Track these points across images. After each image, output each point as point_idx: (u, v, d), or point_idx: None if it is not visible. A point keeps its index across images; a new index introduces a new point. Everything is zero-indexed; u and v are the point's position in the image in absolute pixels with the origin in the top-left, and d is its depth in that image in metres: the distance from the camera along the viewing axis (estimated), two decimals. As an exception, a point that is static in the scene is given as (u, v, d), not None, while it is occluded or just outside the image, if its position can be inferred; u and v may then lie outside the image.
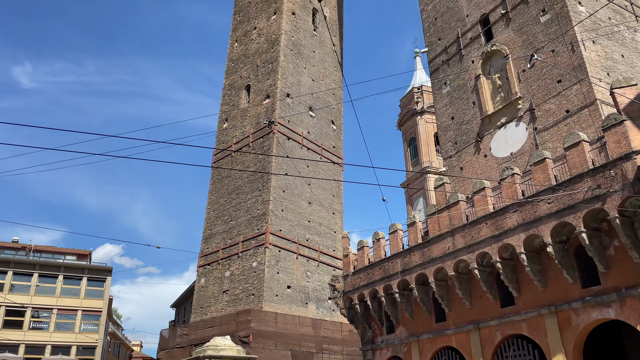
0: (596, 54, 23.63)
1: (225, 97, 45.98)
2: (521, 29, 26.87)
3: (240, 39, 48.39)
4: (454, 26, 32.03)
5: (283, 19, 44.61)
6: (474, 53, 29.80)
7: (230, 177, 41.23)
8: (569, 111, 23.06)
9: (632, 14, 26.87)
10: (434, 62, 33.22)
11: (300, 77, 44.06)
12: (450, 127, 30.38)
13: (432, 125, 53.04)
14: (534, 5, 26.40)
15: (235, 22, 50.34)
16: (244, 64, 46.06)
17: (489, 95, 28.12)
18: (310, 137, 42.30)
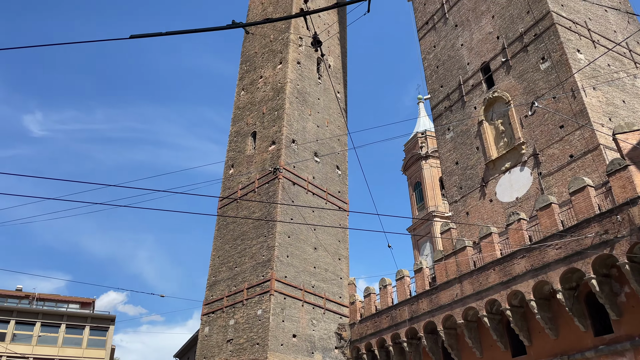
0: (597, 100, 23.94)
1: (232, 143, 46.62)
2: (522, 76, 27.38)
3: (247, 87, 49.53)
4: (456, 74, 32.69)
5: (288, 68, 45.77)
6: (476, 100, 30.27)
7: (235, 223, 41.24)
8: (572, 156, 23.15)
9: (630, 60, 27.39)
10: (436, 109, 33.71)
11: (306, 123, 44.75)
12: (455, 172, 30.48)
13: (437, 170, 53.23)
14: (533, 54, 27.00)
15: (242, 71, 51.67)
16: (250, 111, 46.95)
17: (492, 141, 28.34)
18: (315, 182, 42.51)
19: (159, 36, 9.23)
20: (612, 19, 29.13)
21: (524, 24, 28.18)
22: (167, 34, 9.07)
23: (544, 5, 26.99)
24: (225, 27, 9.37)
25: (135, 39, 9.10)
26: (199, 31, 9.29)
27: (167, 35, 9.25)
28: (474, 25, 32.15)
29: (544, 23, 26.72)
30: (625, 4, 31.46)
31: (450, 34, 34.37)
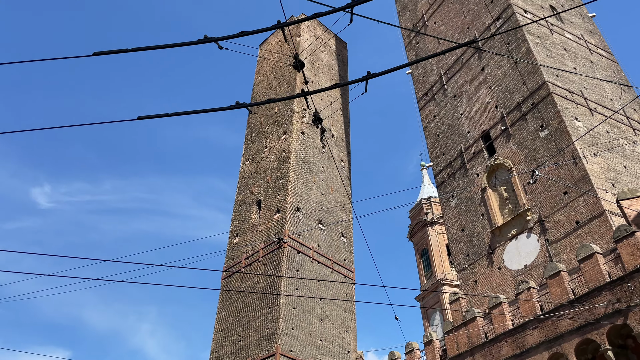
0: (599, 166, 24.14)
1: (237, 212, 46.80)
2: (522, 143, 27.82)
3: (252, 157, 50.44)
4: (457, 142, 33.26)
5: (293, 138, 46.81)
6: (478, 167, 30.59)
7: (239, 295, 40.50)
8: (578, 222, 23.02)
9: (629, 127, 27.88)
10: (439, 176, 34.00)
11: (310, 191, 45.08)
12: (461, 239, 30.23)
13: (443, 236, 52.78)
14: (532, 122, 27.58)
15: (247, 142, 52.85)
16: (255, 180, 47.54)
17: (497, 207, 28.33)
18: (320, 251, 42.14)
19: (165, 117, 9.58)
20: (607, 87, 29.98)
21: (520, 94, 29.01)
22: (173, 114, 9.40)
23: (539, 76, 27.91)
24: (229, 108, 9.71)
25: (143, 119, 9.44)
26: (204, 112, 9.62)
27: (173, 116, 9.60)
28: (472, 96, 33.11)
29: (541, 93, 27.50)
30: (619, 74, 32.48)
31: (449, 104, 35.32)
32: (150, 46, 8.26)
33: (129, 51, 8.12)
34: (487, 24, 34.01)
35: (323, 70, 57.49)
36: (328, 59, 59.68)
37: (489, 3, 34.48)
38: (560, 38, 32.06)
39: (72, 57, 8.36)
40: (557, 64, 29.42)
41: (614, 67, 32.99)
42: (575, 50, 31.94)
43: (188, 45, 8.47)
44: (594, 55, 32.71)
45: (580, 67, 30.71)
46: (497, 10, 33.43)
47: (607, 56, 33.56)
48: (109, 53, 7.92)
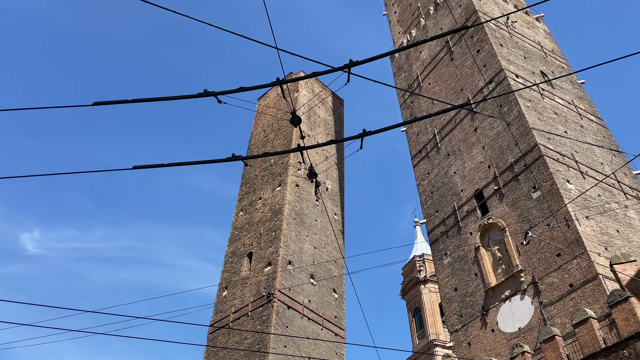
0: (591, 229, 24.20)
1: (227, 264, 46.11)
2: (515, 204, 27.98)
3: (246, 208, 50.30)
4: (450, 200, 33.43)
5: (287, 190, 46.93)
6: (472, 225, 30.59)
7: (225, 351, 39.20)
8: (572, 285, 22.80)
9: (620, 191, 28.20)
10: (433, 233, 33.91)
11: (302, 244, 44.69)
12: (454, 299, 29.76)
13: (436, 295, 51.96)
14: (524, 183, 27.88)
15: (241, 193, 52.88)
16: (247, 231, 47.17)
17: (490, 267, 28.10)
18: (311, 306, 41.24)
19: (161, 167, 9.60)
20: (598, 151, 30.57)
21: (513, 155, 29.49)
22: (169, 165, 9.43)
23: (531, 138, 28.49)
24: (225, 160, 9.77)
25: (138, 169, 9.45)
26: (200, 163, 9.67)
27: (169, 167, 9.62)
28: (466, 155, 33.61)
29: (532, 154, 27.97)
30: (609, 139, 33.22)
31: (443, 162, 35.78)
32: (151, 98, 8.40)
33: (128, 102, 8.26)
34: (480, 86, 35.04)
35: (319, 125, 58.49)
36: (325, 115, 60.87)
37: (481, 67, 35.67)
38: (551, 102, 32.99)
39: (72, 106, 8.48)
40: (548, 127, 30.12)
41: (604, 132, 33.79)
42: (565, 115, 32.79)
43: (188, 98, 8.64)
44: (584, 120, 33.55)
45: (571, 131, 31.42)
46: (490, 74, 34.54)
47: (596, 121, 34.44)
48: (109, 103, 8.05)
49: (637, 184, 29.85)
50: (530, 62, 36.55)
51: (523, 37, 39.28)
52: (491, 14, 40.38)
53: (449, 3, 43.52)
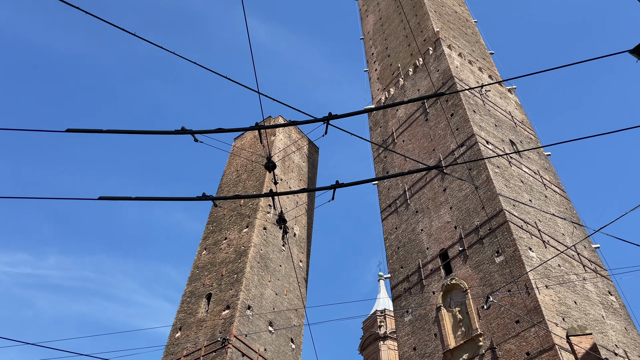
0: (550, 299, 24.55)
1: (184, 304, 44.60)
2: (478, 266, 28.29)
3: (210, 247, 49.30)
4: (415, 257, 33.58)
5: (254, 233, 46.36)
6: (435, 284, 30.65)
7: (172, 395, 37.32)
8: (529, 354, 22.84)
9: (579, 263, 28.90)
10: (396, 289, 33.78)
11: (264, 290, 43.79)
12: (412, 359, 29.35)
13: (395, 353, 51.23)
14: (488, 246, 28.32)
15: (207, 231, 51.93)
16: (209, 271, 46.02)
17: (450, 329, 27.99)
18: (266, 356, 39.96)
19: (128, 200, 9.39)
20: (560, 222, 31.49)
21: (479, 218, 30.08)
22: (136, 199, 9.24)
23: (497, 203, 29.21)
24: (195, 199, 9.65)
25: (104, 200, 9.21)
26: (168, 199, 9.51)
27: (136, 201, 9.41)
28: (434, 214, 34.11)
29: (498, 219, 28.60)
30: (570, 211, 34.34)
31: (411, 219, 36.17)
32: (127, 130, 8.32)
33: (102, 132, 8.15)
34: (451, 148, 36.06)
35: (293, 170, 58.75)
36: (299, 160, 61.29)
37: (454, 130, 36.84)
38: (518, 171, 34.12)
39: (45, 130, 8.32)
40: (514, 194, 31.00)
41: (567, 204, 34.95)
42: (531, 184, 33.88)
43: (166, 134, 8.59)
44: (549, 191, 34.70)
45: (535, 200, 32.39)
46: (462, 137, 35.66)
47: (560, 193, 35.66)
48: (83, 131, 7.92)
49: (596, 258, 30.70)
50: (500, 130, 37.99)
51: (495, 106, 40.97)
52: (466, 81, 42.15)
53: (427, 67, 45.32)
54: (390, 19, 58.77)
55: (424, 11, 51.95)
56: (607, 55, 7.55)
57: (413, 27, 52.03)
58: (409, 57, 50.27)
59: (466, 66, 45.01)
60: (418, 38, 50.05)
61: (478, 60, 48.22)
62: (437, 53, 45.17)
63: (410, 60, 49.69)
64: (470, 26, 56.22)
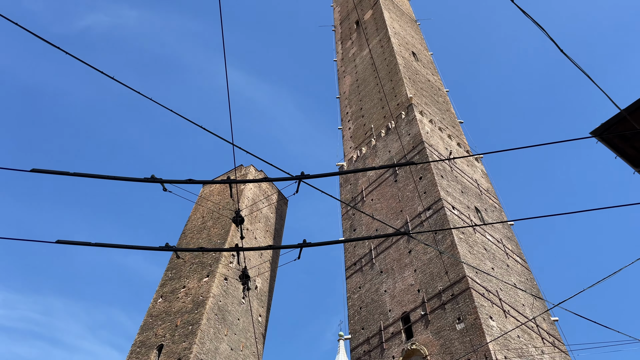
0: (509, 370, 24.38)
1: (133, 354, 42.31)
2: (439, 332, 28.05)
3: (166, 295, 47.53)
4: (377, 318, 33.12)
5: (214, 283, 45.07)
6: (395, 349, 30.12)
7: None
8: None
9: (538, 335, 29.01)
10: (355, 351, 33.01)
11: (219, 344, 42.10)
12: None
13: (349, 418, 49.34)
14: (450, 313, 28.23)
15: (165, 278, 50.21)
16: (163, 321, 44.13)
17: (408, 396, 27.31)
18: (215, 415, 37.90)
19: (86, 245, 9.03)
20: (520, 293, 31.81)
21: (442, 282, 30.13)
22: (96, 245, 8.91)
23: (460, 269, 29.42)
24: (157, 249, 9.36)
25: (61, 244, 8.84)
26: (129, 247, 9.19)
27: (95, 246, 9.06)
28: (398, 275, 34.02)
29: (460, 286, 28.71)
30: (531, 282, 34.83)
31: (375, 279, 35.95)
32: (92, 174, 8.12)
33: (69, 174, 7.93)
34: (418, 211, 36.55)
35: (260, 221, 58.18)
36: (267, 211, 60.86)
37: (421, 193, 37.51)
38: (482, 238, 34.69)
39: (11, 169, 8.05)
40: (477, 261, 31.34)
41: (527, 274, 35.49)
42: (494, 252, 34.40)
43: (134, 181, 8.41)
44: (511, 260, 35.26)
45: (497, 268, 32.80)
46: (429, 201, 36.28)
47: (522, 263, 36.26)
48: (48, 172, 7.69)
49: (554, 331, 30.94)
50: (466, 196, 38.88)
51: (462, 173, 42.12)
52: (436, 147, 43.41)
53: (399, 130, 46.62)
54: (366, 82, 60.79)
55: (398, 77, 54.00)
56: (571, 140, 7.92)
57: (388, 91, 53.87)
58: (382, 119, 51.69)
59: (436, 132, 46.50)
60: (392, 102, 51.73)
61: (448, 128, 49.94)
62: (409, 118, 46.63)
63: (383, 122, 51.07)
64: (442, 95, 58.59)
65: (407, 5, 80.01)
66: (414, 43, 65.94)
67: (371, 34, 66.77)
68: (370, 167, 8.70)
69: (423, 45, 68.46)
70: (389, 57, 58.53)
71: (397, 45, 60.09)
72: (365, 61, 63.67)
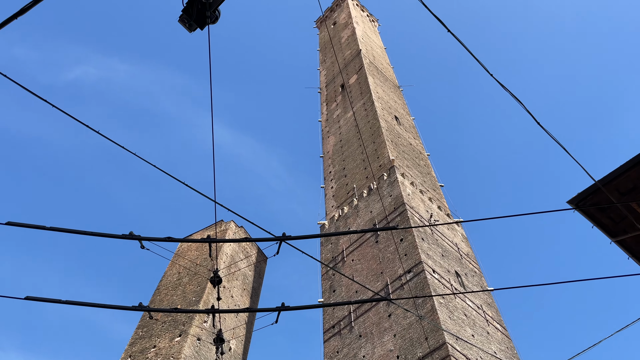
0: None
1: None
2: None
3: (135, 355, 45.43)
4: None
5: (187, 343, 43.37)
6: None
7: None
8: None
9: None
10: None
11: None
12: None
13: None
14: (430, 381, 27.41)
15: (135, 336, 48.18)
16: (130, 382, 41.88)
17: None
18: None
19: (57, 303, 8.70)
20: (500, 361, 31.19)
21: (422, 349, 29.44)
22: (66, 302, 8.59)
23: (440, 336, 28.86)
24: (130, 308, 9.05)
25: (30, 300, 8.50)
26: (101, 306, 8.87)
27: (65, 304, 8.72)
28: (377, 340, 33.20)
29: (440, 353, 28.06)
30: (511, 350, 34.26)
31: (354, 343, 35.00)
32: (69, 229, 7.95)
33: (46, 229, 7.76)
34: (399, 273, 36.26)
35: (238, 279, 56.98)
36: (246, 269, 59.75)
37: (402, 255, 37.37)
38: (462, 304, 34.33)
39: (-19, 220, 7.82)
40: (457, 327, 30.85)
41: (508, 342, 34.95)
42: (474, 319, 33.98)
43: (111, 237, 8.24)
44: (491, 327, 34.80)
45: (478, 335, 32.28)
46: (409, 263, 36.10)
47: (502, 331, 35.78)
48: (24, 226, 7.53)
49: (535, 402, 30.11)
50: (447, 260, 38.83)
51: (443, 236, 42.28)
52: (417, 209, 43.76)
53: (381, 191, 47.07)
54: (349, 142, 61.92)
55: (381, 139, 55.17)
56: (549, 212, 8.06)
57: (370, 153, 54.82)
58: (364, 180, 52.25)
59: (417, 195, 47.02)
60: (374, 163, 52.53)
61: (429, 191, 50.60)
62: (391, 179, 47.24)
63: (365, 182, 51.59)
64: (423, 158, 59.81)
65: (391, 72, 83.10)
66: (396, 107, 67.97)
67: (356, 97, 68.77)
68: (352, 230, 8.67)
69: (405, 110, 70.57)
70: (372, 120, 60.04)
71: (380, 109, 61.85)
72: (349, 123, 65.16)
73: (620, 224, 11.45)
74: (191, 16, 7.05)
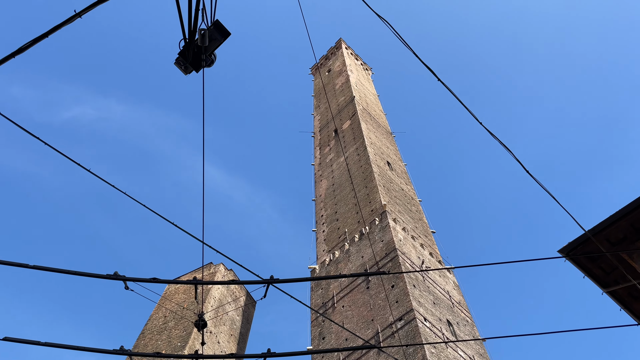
0: None
1: None
2: None
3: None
4: None
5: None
6: None
7: None
8: None
9: None
10: None
11: None
12: None
13: None
14: None
15: (117, 382, 46.49)
16: None
17: None
18: None
19: (36, 345, 8.42)
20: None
21: (413, 401, 28.52)
22: (45, 344, 8.33)
23: (432, 387, 28.04)
24: (111, 352, 8.77)
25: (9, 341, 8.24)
26: (82, 349, 8.61)
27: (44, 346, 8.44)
28: (367, 390, 32.18)
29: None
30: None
31: (342, 394, 33.88)
32: (52, 268, 7.80)
33: (28, 267, 7.61)
34: (390, 321, 35.59)
35: (225, 324, 55.66)
36: (233, 313, 58.50)
37: (393, 302, 36.80)
38: (454, 353, 33.58)
39: (-38, 257, 7.66)
40: (450, 378, 30.05)
41: (500, 394, 34.01)
42: (466, 369, 33.17)
43: (96, 277, 8.07)
44: (483, 378, 33.95)
45: (470, 387, 31.43)
46: (400, 311, 35.51)
47: (494, 382, 34.88)
48: (6, 264, 7.38)
49: None
50: (438, 308, 38.26)
51: (434, 284, 41.84)
52: (408, 255, 43.46)
53: (372, 236, 46.86)
54: (342, 187, 62.14)
55: (373, 184, 55.43)
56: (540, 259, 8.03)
57: (362, 197, 54.93)
58: (356, 224, 52.09)
59: (409, 240, 46.82)
60: (366, 208, 52.55)
61: (420, 237, 50.44)
62: (383, 224, 47.12)
63: (357, 227, 51.41)
64: (415, 204, 59.96)
65: (384, 118, 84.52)
66: (389, 153, 68.72)
67: (348, 143, 69.58)
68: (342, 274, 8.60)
69: (397, 156, 71.34)
70: (364, 165, 60.51)
71: (373, 155, 62.48)
72: (341, 167, 65.61)
73: (611, 274, 11.38)
74: (187, 59, 7.17)
